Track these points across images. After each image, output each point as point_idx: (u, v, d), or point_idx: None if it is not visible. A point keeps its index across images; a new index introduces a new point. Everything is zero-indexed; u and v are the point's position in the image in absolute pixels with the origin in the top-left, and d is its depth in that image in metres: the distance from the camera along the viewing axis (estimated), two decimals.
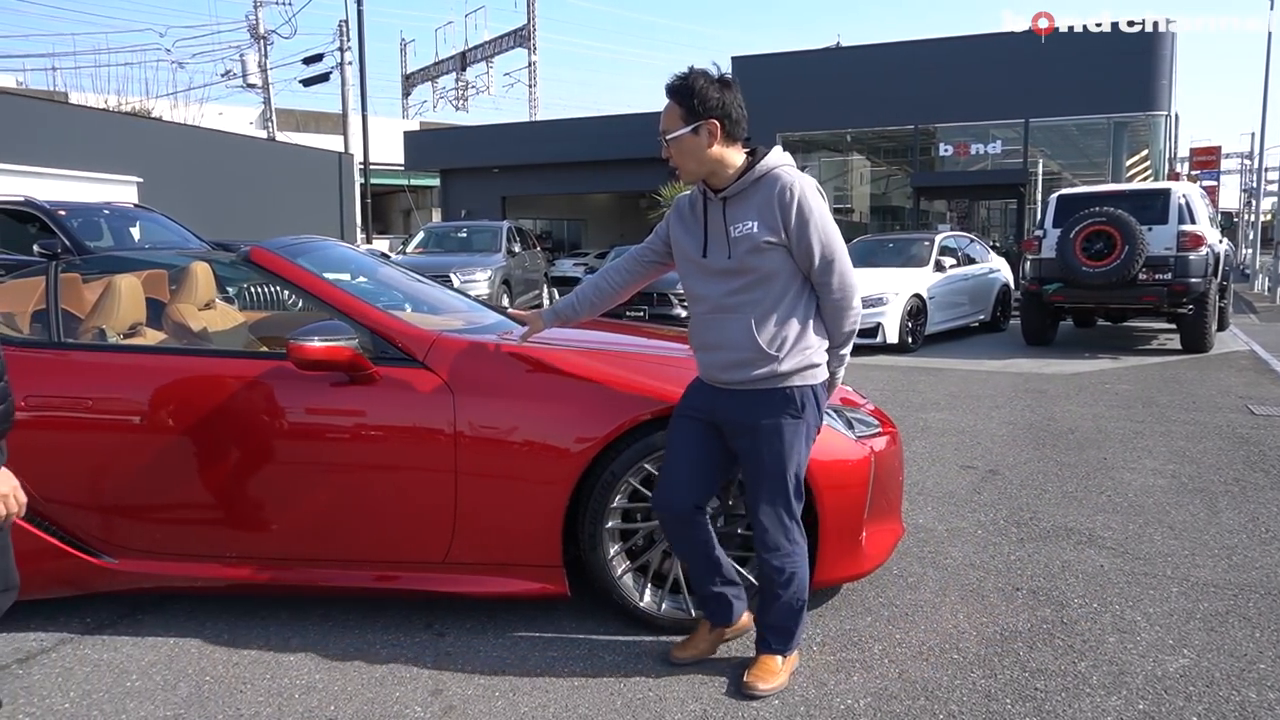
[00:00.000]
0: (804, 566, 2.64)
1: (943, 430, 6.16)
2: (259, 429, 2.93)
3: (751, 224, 2.44)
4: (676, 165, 2.51)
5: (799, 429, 2.52)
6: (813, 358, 2.51)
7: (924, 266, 11.19)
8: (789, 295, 2.48)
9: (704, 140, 2.43)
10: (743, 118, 2.48)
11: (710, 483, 2.68)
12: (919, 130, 20.16)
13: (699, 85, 2.41)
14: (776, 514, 2.57)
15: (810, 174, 2.61)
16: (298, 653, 2.91)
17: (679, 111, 2.44)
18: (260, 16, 30.19)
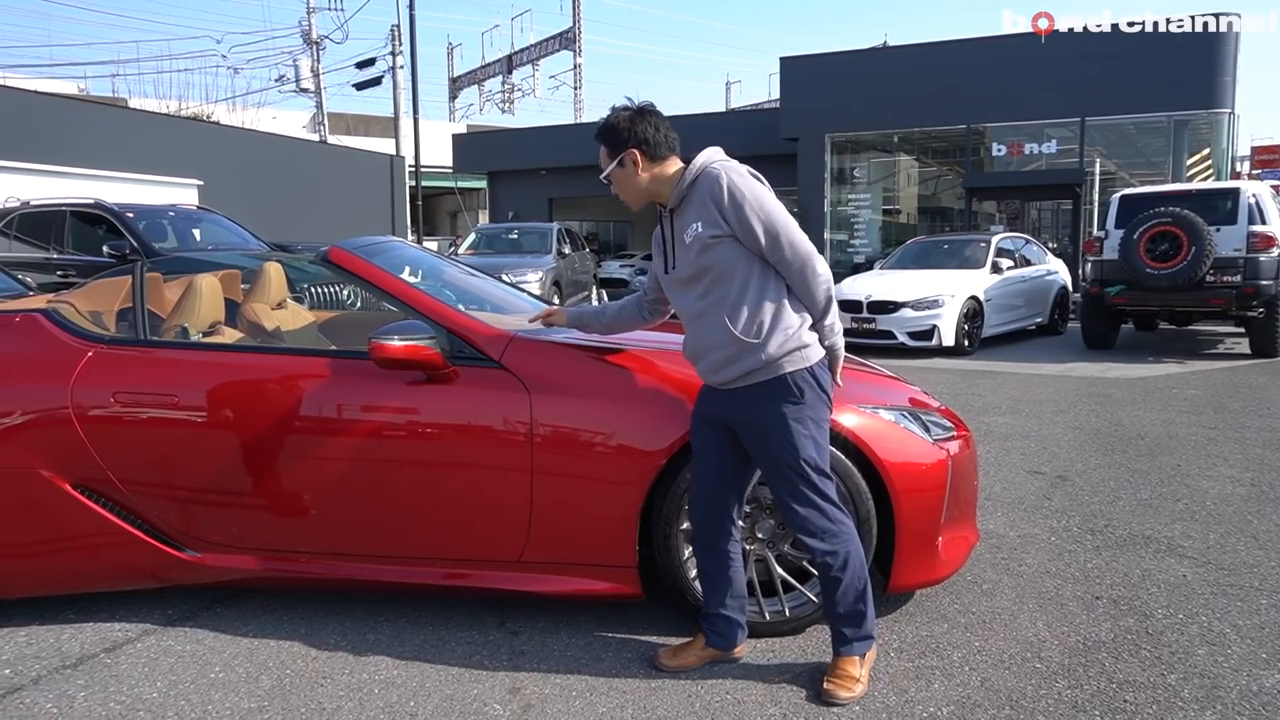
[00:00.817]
0: (855, 545, 2.58)
1: (1006, 435, 6.05)
2: (335, 427, 2.96)
3: (696, 225, 2.50)
4: (622, 198, 2.66)
5: (801, 414, 2.50)
6: (799, 337, 2.50)
7: (980, 268, 11.00)
8: (752, 281, 2.49)
9: (630, 170, 2.57)
10: (662, 139, 2.57)
11: (737, 485, 2.70)
12: (971, 130, 19.84)
13: (612, 122, 2.58)
14: (804, 499, 2.53)
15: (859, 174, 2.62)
16: (374, 648, 2.94)
17: (604, 151, 2.61)
18: (313, 22, 30.76)
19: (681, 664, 2.76)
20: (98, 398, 2.96)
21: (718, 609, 2.75)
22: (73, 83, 34.10)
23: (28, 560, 3.02)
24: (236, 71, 55.09)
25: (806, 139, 20.59)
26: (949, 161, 22.19)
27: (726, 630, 2.76)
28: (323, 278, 5.96)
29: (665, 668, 2.76)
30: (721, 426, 2.63)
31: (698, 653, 2.78)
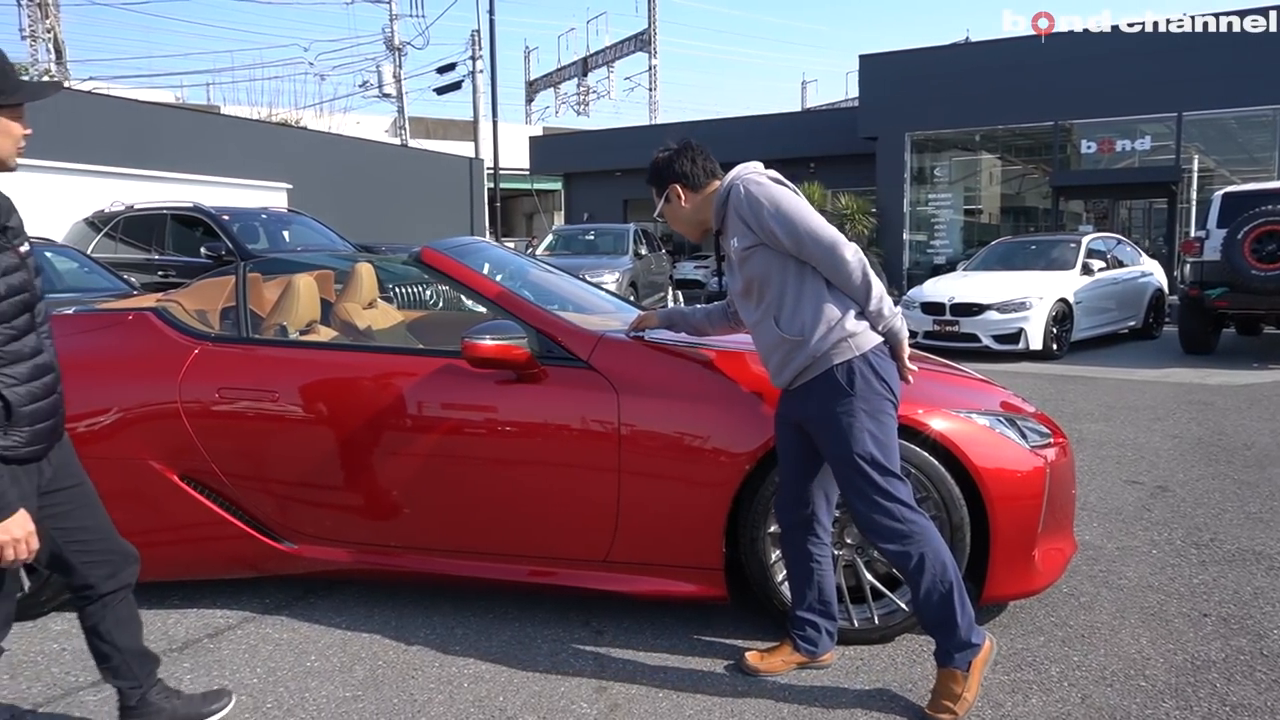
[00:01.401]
0: (932, 544, 2.46)
1: (1100, 442, 5.83)
2: (426, 424, 3.02)
3: (733, 240, 2.58)
4: (680, 232, 2.81)
5: (852, 406, 2.45)
6: (844, 327, 2.47)
7: (1070, 270, 10.63)
8: (789, 281, 2.52)
9: (675, 203, 2.71)
10: (700, 170, 2.69)
11: (820, 486, 2.67)
12: (1058, 127, 19.19)
13: (654, 163, 2.75)
14: (865, 497, 2.46)
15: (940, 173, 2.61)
16: (463, 642, 2.99)
17: (653, 191, 2.76)
18: (396, 29, 31.53)
19: (769, 668, 2.73)
20: (204, 393, 3.08)
21: (804, 612, 2.72)
22: (170, 92, 35.68)
23: (137, 548, 3.15)
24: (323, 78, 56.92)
25: (886, 138, 20.21)
26: (1034, 160, 21.52)
27: (813, 635, 2.73)
28: (409, 278, 6.10)
29: (752, 671, 2.73)
30: (795, 428, 2.63)
31: (785, 657, 2.75)
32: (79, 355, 3.19)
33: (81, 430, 3.07)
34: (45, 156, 13.92)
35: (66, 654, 2.91)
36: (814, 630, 2.73)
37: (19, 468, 1.91)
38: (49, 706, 2.59)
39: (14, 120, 1.92)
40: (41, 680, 2.74)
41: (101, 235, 10.22)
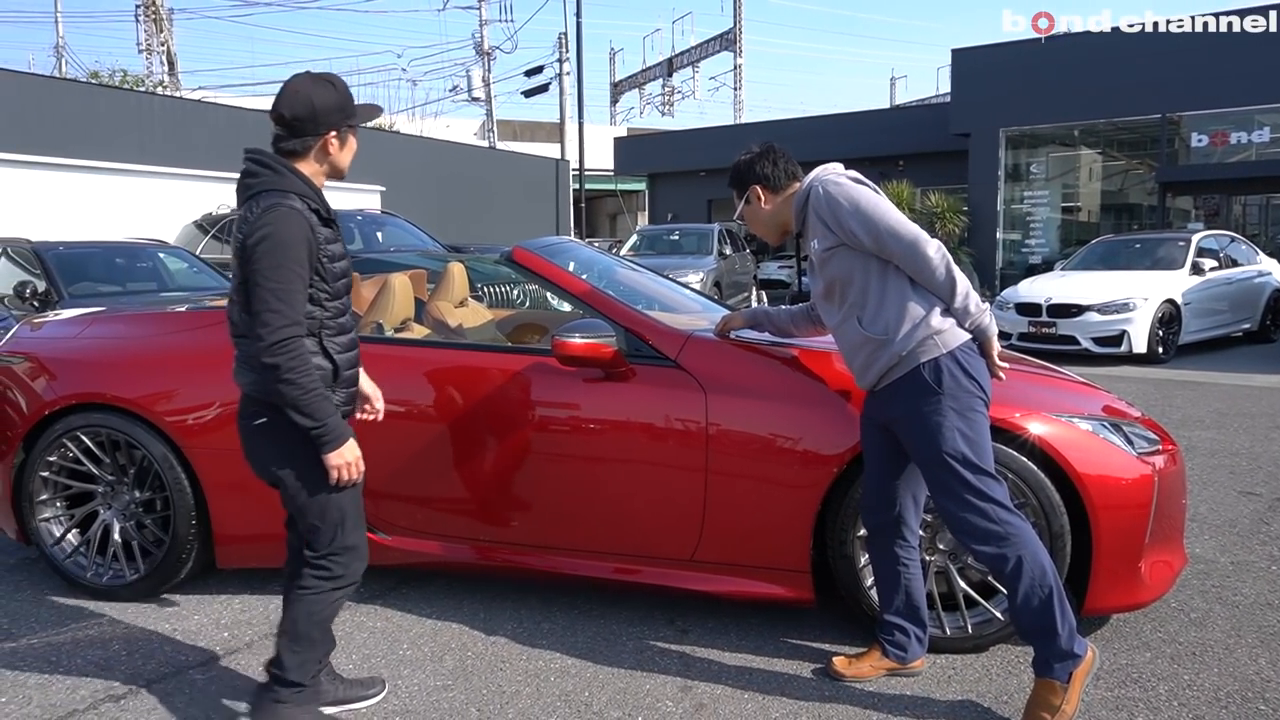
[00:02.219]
0: (1030, 547, 2.35)
1: (1211, 451, 5.53)
2: (517, 420, 3.06)
3: (814, 242, 2.55)
4: (758, 235, 2.80)
5: (940, 405, 2.38)
6: (929, 325, 2.41)
7: (1178, 269, 10.12)
8: (872, 281, 2.48)
9: (755, 205, 2.69)
10: (780, 173, 2.67)
11: (906, 489, 2.62)
12: (1165, 120, 18.30)
13: (735, 166, 2.74)
14: (957, 498, 2.37)
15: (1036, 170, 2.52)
16: (549, 636, 3.02)
17: (735, 193, 2.74)
18: (485, 34, 32.18)
19: (856, 674, 2.68)
20: None
21: (892, 616, 2.67)
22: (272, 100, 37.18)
23: (242, 535, 3.30)
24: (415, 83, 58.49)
25: (979, 134, 19.63)
26: (1138, 154, 20.58)
27: (902, 640, 2.67)
28: (498, 277, 6.21)
29: (840, 676, 2.69)
30: (882, 429, 2.57)
31: (874, 663, 2.69)
32: (190, 349, 3.35)
33: (191, 422, 3.23)
34: (158, 163, 14.70)
35: (178, 634, 3.06)
36: (903, 635, 2.66)
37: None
38: (160, 684, 2.72)
39: (353, 137, 2.35)
40: (155, 658, 2.89)
41: (209, 237, 10.72)
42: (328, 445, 2.20)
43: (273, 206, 2.15)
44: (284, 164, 2.24)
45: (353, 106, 2.31)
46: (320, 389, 2.18)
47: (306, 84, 2.25)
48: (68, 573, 3.38)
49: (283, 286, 2.12)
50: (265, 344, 2.11)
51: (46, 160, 13.18)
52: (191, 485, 3.25)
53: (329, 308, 2.26)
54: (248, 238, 2.15)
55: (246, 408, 2.30)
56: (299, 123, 2.23)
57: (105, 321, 3.68)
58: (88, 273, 7.52)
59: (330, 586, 2.35)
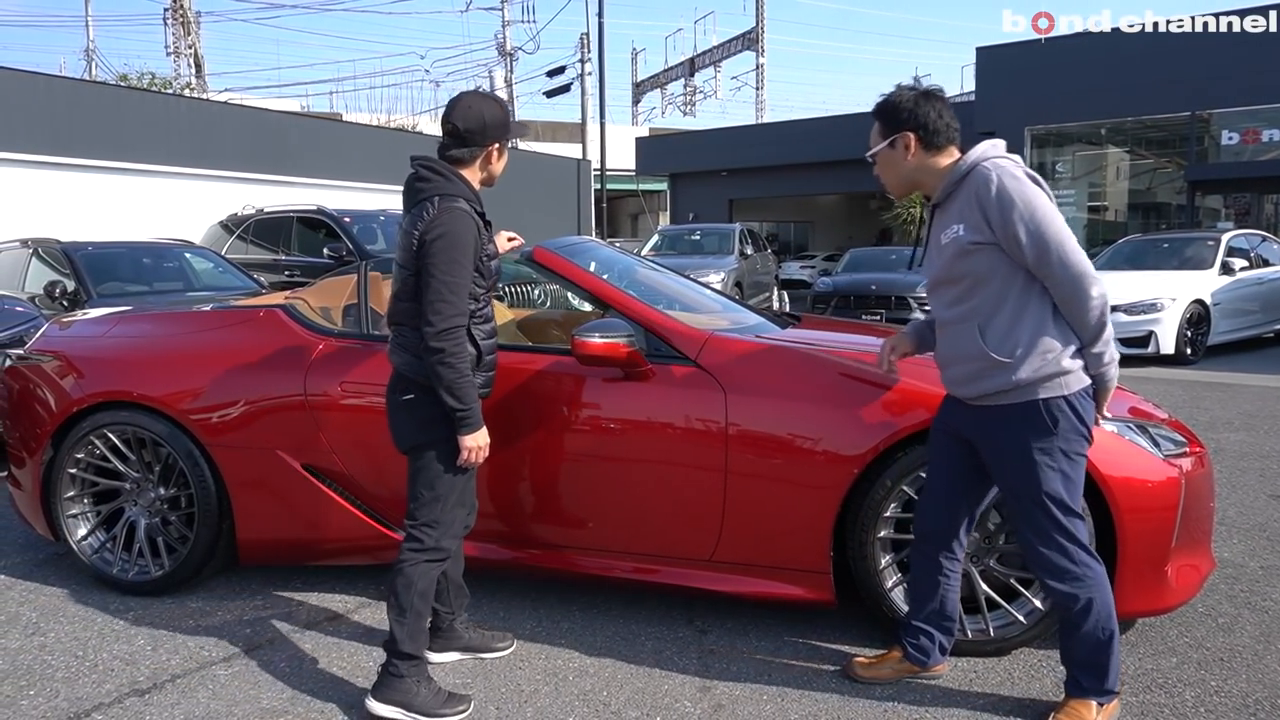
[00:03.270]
0: (1102, 591, 2.34)
1: (1241, 453, 5.45)
2: (536, 420, 3.07)
3: (957, 227, 2.31)
4: (883, 182, 2.51)
5: (1051, 445, 2.26)
6: (1058, 362, 2.25)
7: (1207, 269, 9.98)
8: (1012, 295, 2.27)
9: (900, 153, 2.42)
10: (944, 127, 2.38)
11: (967, 502, 2.53)
12: (1194, 117, 18.04)
13: (894, 101, 2.42)
14: (1045, 536, 2.32)
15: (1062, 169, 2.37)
16: (568, 636, 3.03)
17: (878, 128, 2.46)
18: (508, 35, 32.31)
19: (876, 675, 2.66)
20: (327, 387, 3.21)
21: (921, 622, 2.63)
22: (296, 101, 37.51)
23: (265, 532, 3.33)
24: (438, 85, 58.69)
25: (1003, 133, 19.04)
26: (1167, 152, 20.31)
27: (926, 645, 2.64)
28: (519, 277, 6.22)
29: (859, 677, 2.67)
30: (960, 440, 2.47)
31: (894, 666, 2.67)
32: (215, 348, 3.39)
33: (215, 420, 3.26)
34: (185, 164, 14.88)
35: (202, 630, 3.09)
36: (928, 640, 2.64)
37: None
38: (184, 679, 2.75)
39: (507, 151, 2.62)
40: (179, 653, 2.92)
41: (234, 237, 10.83)
42: (466, 427, 2.44)
43: (449, 208, 2.40)
44: (451, 170, 2.49)
45: (511, 123, 2.59)
46: (471, 377, 2.43)
47: (478, 100, 2.54)
48: (94, 568, 3.43)
49: (454, 280, 2.38)
50: (435, 330, 2.36)
51: (76, 162, 13.37)
52: (215, 482, 3.29)
53: (480, 300, 2.51)
54: (425, 234, 2.39)
55: (396, 384, 2.56)
56: (470, 134, 2.49)
57: (132, 321, 3.73)
58: (116, 272, 7.62)
59: (423, 558, 2.53)
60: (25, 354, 3.74)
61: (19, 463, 3.62)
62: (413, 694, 2.48)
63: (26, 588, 3.49)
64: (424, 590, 2.53)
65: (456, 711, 2.51)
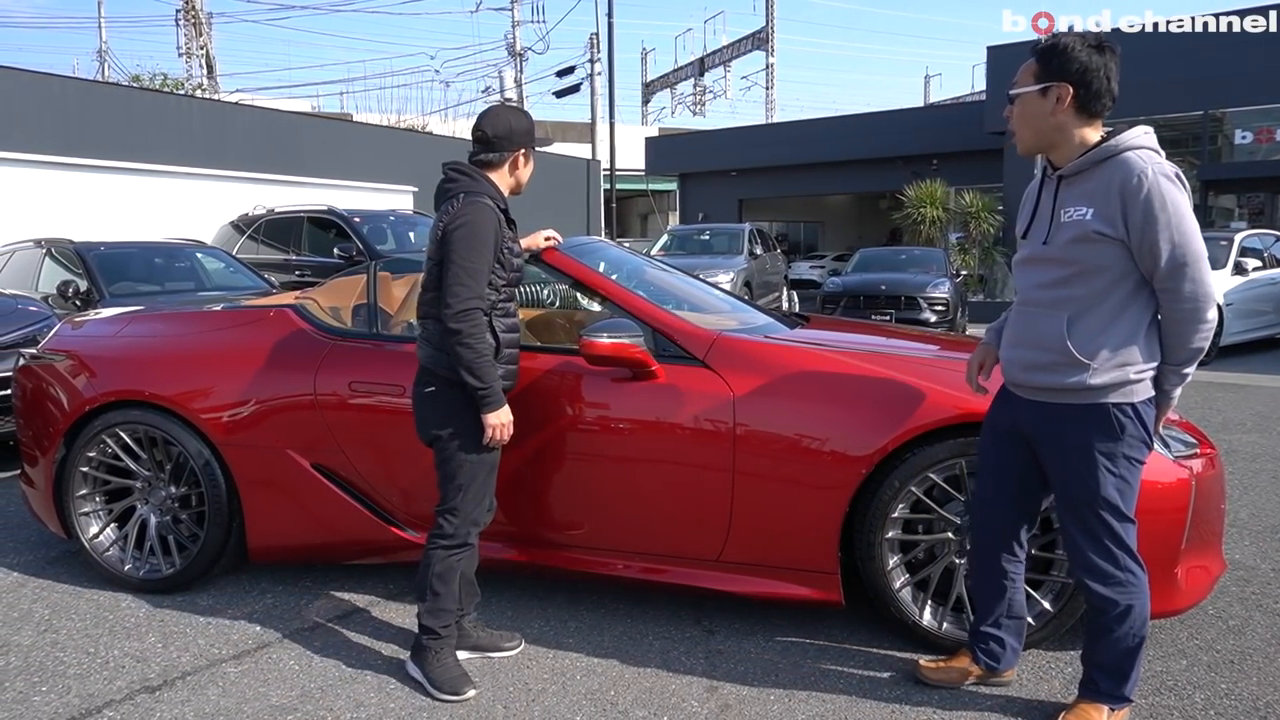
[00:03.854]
0: (1143, 598, 2.29)
1: (1253, 455, 5.41)
2: (543, 419, 3.07)
3: (1085, 210, 2.16)
4: (1014, 130, 2.28)
5: (1115, 452, 2.21)
6: (1131, 374, 2.18)
7: (1220, 269, 9.92)
8: (1116, 297, 2.17)
9: (1049, 105, 2.19)
10: (1107, 91, 2.18)
11: (1025, 503, 2.47)
12: (1208, 116, 17.92)
13: (1064, 44, 2.17)
14: (1095, 540, 2.27)
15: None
16: (576, 635, 3.03)
17: (1034, 69, 2.22)
18: (517, 35, 32.34)
19: (944, 679, 2.63)
20: (336, 386, 3.23)
21: (990, 627, 2.57)
22: (308, 101, 37.65)
23: (275, 531, 3.35)
24: (448, 85, 59.00)
25: None
26: (1179, 151, 20.14)
27: (997, 651, 2.58)
28: (528, 277, 6.23)
29: (927, 680, 2.64)
30: (1015, 438, 2.40)
31: (962, 668, 2.63)
32: (225, 348, 3.41)
33: (225, 420, 3.28)
34: (196, 164, 14.96)
35: (212, 628, 3.11)
36: (998, 646, 2.57)
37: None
38: (194, 676, 2.77)
39: (533, 159, 2.81)
40: (189, 651, 2.94)
41: (245, 237, 10.88)
42: (488, 405, 2.57)
43: (472, 201, 2.58)
44: (479, 173, 2.69)
45: (536, 133, 2.80)
46: (490, 357, 2.56)
47: (505, 111, 2.75)
48: (106, 566, 3.45)
49: (473, 265, 2.53)
50: (452, 311, 2.50)
51: (90, 162, 13.46)
52: (226, 481, 3.31)
53: (501, 292, 2.65)
54: (448, 225, 2.56)
55: (421, 378, 2.70)
56: (498, 140, 2.69)
57: (143, 320, 3.76)
58: (128, 272, 7.66)
59: (441, 543, 2.67)
60: (38, 353, 3.77)
61: (32, 461, 3.65)
62: (429, 664, 2.67)
63: (39, 585, 3.52)
64: (441, 573, 2.67)
65: (456, 694, 2.62)
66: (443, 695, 2.62)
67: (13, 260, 8.21)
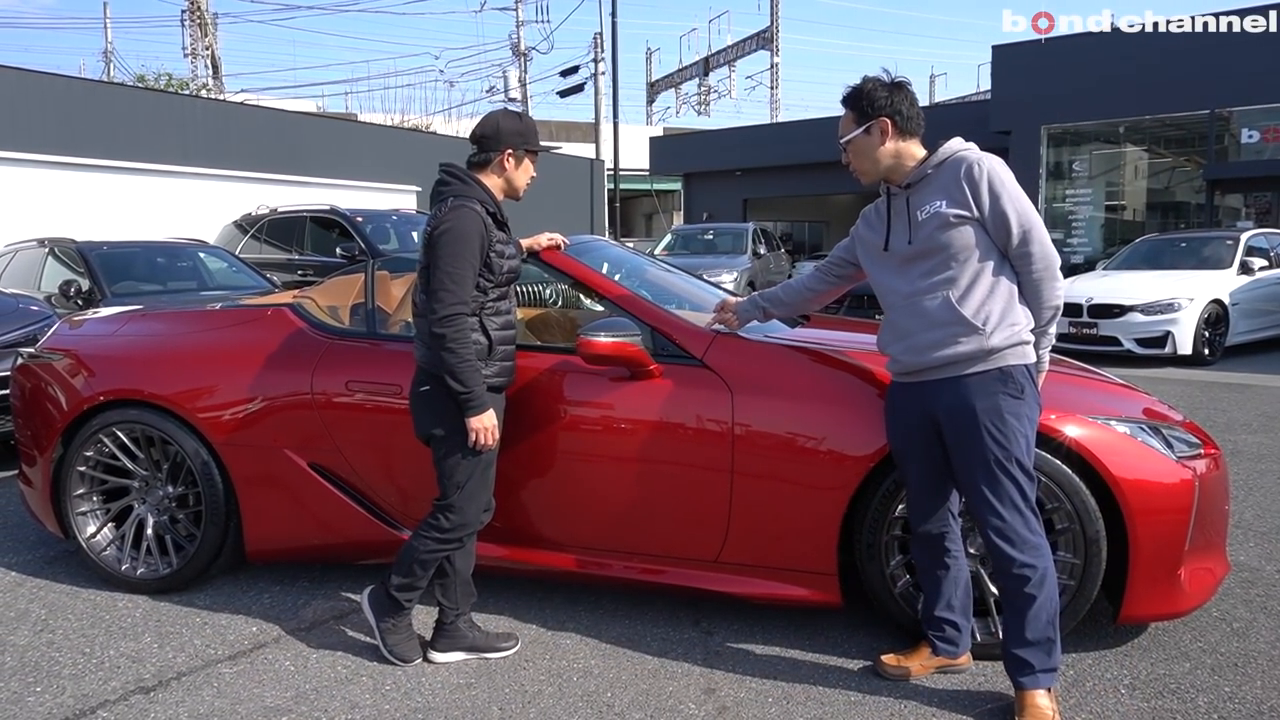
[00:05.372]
0: (1051, 562, 2.41)
1: (1258, 455, 5.37)
2: (541, 419, 3.05)
3: (939, 202, 2.41)
4: (855, 169, 2.57)
5: (1020, 410, 2.38)
6: (1022, 334, 2.40)
7: (1226, 269, 9.86)
8: (987, 270, 2.40)
9: (875, 139, 2.50)
10: (915, 115, 2.51)
11: (949, 485, 2.57)
12: (1214, 115, 17.84)
13: (867, 89, 2.50)
14: (1010, 502, 2.37)
15: (1079, 168, 2.42)
16: (573, 637, 3.01)
17: (852, 116, 2.53)
18: (522, 35, 32.36)
19: (905, 670, 2.65)
20: (333, 386, 3.21)
21: (943, 611, 2.63)
22: (313, 102, 37.70)
23: (271, 531, 3.33)
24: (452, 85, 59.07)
25: (1020, 132, 19.29)
26: (1186, 151, 20.09)
27: (953, 635, 2.64)
28: (529, 276, 6.22)
29: (887, 673, 2.66)
30: (924, 425, 2.50)
31: (923, 660, 2.66)
32: (223, 347, 3.40)
33: (223, 419, 3.27)
34: (200, 164, 14.98)
35: (208, 628, 3.10)
36: (953, 630, 2.64)
37: (490, 393, 2.67)
38: (189, 676, 2.76)
39: (530, 162, 2.80)
40: (185, 651, 2.93)
41: (248, 237, 10.89)
42: (470, 409, 2.59)
43: (457, 206, 2.60)
44: (470, 176, 2.72)
45: (533, 136, 2.78)
46: (474, 361, 2.58)
47: (498, 113, 2.79)
48: (103, 566, 3.44)
49: (456, 271, 2.55)
50: (436, 316, 2.54)
51: (93, 162, 13.49)
52: (223, 481, 3.30)
53: (491, 294, 2.67)
54: (434, 230, 2.60)
55: (416, 377, 2.74)
56: (485, 139, 2.72)
57: (141, 319, 3.75)
58: (130, 272, 7.67)
59: (435, 535, 2.72)
60: (36, 352, 3.76)
61: (29, 460, 3.64)
62: (387, 629, 2.82)
63: (36, 584, 3.51)
64: (424, 560, 2.75)
65: (404, 657, 2.80)
66: (394, 658, 2.79)
67: (15, 260, 8.23)
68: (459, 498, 2.69)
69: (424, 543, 2.72)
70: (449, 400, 2.62)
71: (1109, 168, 21.20)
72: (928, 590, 2.68)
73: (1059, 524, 2.71)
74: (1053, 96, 18.50)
